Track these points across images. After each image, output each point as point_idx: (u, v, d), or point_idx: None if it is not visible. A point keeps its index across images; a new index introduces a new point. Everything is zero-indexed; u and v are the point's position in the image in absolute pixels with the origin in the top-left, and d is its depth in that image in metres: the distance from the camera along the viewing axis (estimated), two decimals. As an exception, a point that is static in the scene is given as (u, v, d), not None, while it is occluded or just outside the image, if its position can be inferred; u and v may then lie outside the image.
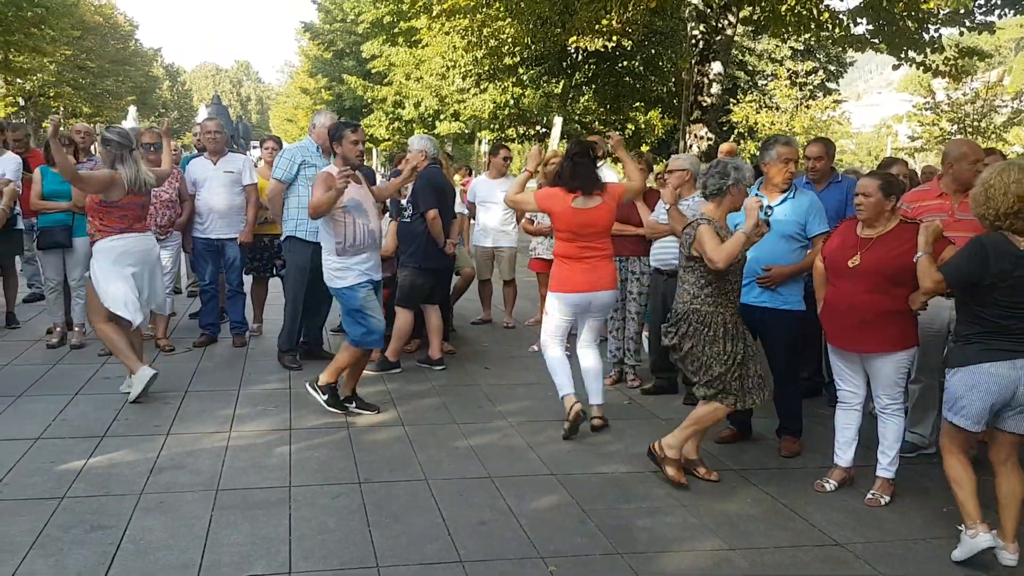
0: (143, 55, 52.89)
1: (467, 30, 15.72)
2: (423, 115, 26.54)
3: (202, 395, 5.73)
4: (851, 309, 4.15)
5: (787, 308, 4.79)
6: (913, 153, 33.81)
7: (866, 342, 4.17)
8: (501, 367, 6.82)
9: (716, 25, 12.46)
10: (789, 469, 4.74)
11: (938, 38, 12.76)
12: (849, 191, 5.64)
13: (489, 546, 3.65)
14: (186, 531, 3.69)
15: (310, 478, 4.34)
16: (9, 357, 6.54)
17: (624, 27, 13.35)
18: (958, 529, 3.64)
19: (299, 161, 6.33)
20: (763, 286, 4.80)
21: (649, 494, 4.28)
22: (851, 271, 4.14)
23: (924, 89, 31.71)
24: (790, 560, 3.64)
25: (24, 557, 3.40)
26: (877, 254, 4.08)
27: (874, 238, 4.15)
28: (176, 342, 7.10)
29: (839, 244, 4.29)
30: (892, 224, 4.15)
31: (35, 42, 29.51)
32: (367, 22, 29.51)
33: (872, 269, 4.06)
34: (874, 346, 4.16)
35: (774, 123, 28.17)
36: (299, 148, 6.49)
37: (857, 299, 4.12)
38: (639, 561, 3.57)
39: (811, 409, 5.40)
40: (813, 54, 31.85)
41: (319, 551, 3.55)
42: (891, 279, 4.05)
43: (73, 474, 4.27)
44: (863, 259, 4.11)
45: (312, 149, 6.40)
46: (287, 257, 6.56)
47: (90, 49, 40.25)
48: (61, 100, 38.15)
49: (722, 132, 15.96)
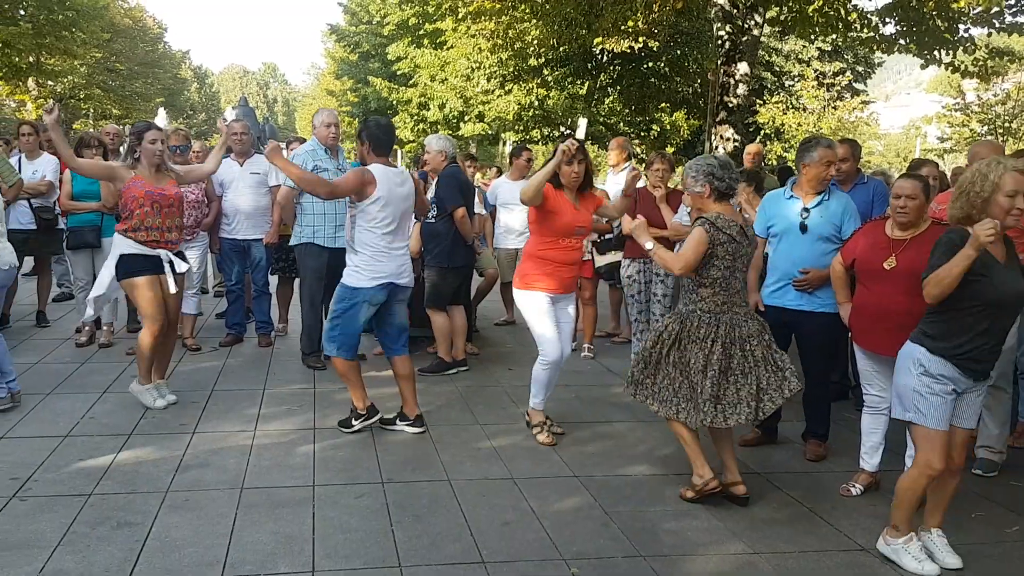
0: (172, 57, 53.40)
1: (493, 32, 15.72)
2: (448, 116, 26.58)
3: (228, 394, 5.77)
4: (887, 311, 4.10)
5: (824, 310, 4.73)
6: (943, 154, 33.44)
7: (901, 345, 4.11)
8: (524, 368, 6.78)
9: (743, 25, 12.38)
10: (815, 473, 4.70)
11: (969, 38, 12.60)
12: (875, 192, 5.60)
13: (511, 547, 3.65)
14: (211, 529, 3.72)
15: (333, 477, 4.36)
16: (39, 355, 6.63)
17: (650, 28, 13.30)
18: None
19: (311, 166, 6.22)
20: (800, 289, 4.75)
21: (673, 497, 4.26)
22: (887, 273, 4.10)
23: (954, 90, 31.36)
24: (815, 565, 3.60)
25: (52, 553, 3.44)
26: (913, 255, 4.02)
27: (908, 239, 4.10)
28: (202, 341, 7.17)
29: (869, 245, 4.23)
30: (925, 225, 4.12)
31: (66, 45, 29.95)
32: (393, 24, 29.60)
33: (910, 270, 4.00)
34: None
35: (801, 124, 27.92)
36: (308, 153, 6.45)
37: (893, 301, 4.07)
38: (662, 564, 3.55)
39: (837, 413, 5.35)
40: (841, 55, 31.56)
41: (342, 550, 3.56)
42: None
43: (100, 471, 4.32)
44: (899, 261, 4.07)
45: (320, 151, 6.41)
46: (301, 261, 6.53)
47: (120, 51, 40.74)
48: (91, 102, 38.63)
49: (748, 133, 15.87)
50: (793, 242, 4.79)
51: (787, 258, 4.80)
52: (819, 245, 4.73)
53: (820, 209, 4.78)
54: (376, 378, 5.67)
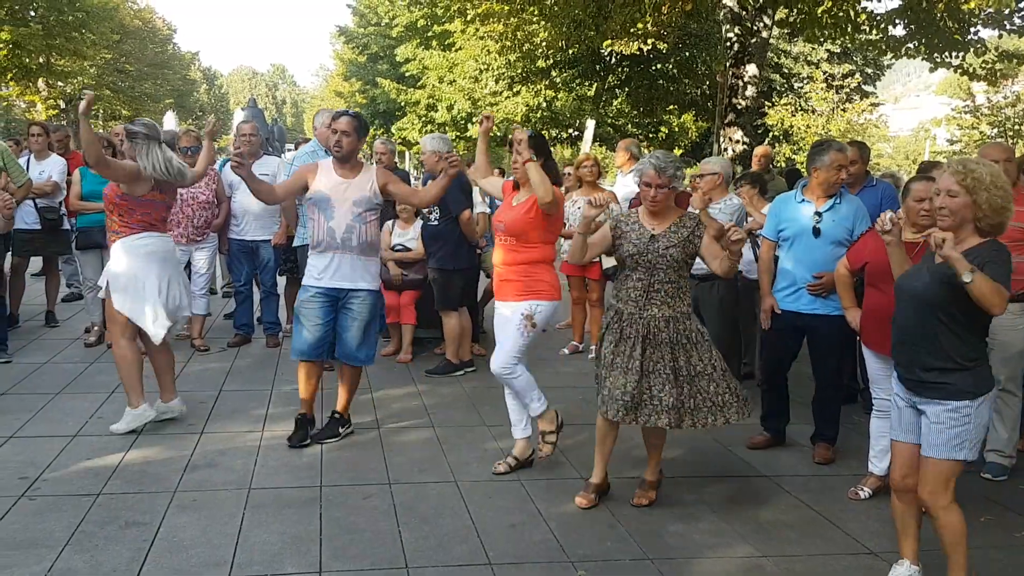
0: (181, 58, 53.56)
1: (501, 34, 15.73)
2: (456, 118, 26.62)
3: (236, 395, 5.79)
4: None
5: (839, 313, 4.69)
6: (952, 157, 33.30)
7: None
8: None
9: (751, 27, 12.35)
10: (823, 476, 4.68)
11: (979, 40, 12.56)
12: (884, 195, 5.59)
13: (518, 549, 3.65)
14: (218, 529, 3.72)
15: (341, 478, 4.37)
16: (48, 355, 6.65)
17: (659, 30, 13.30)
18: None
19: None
20: (814, 293, 4.74)
21: (681, 499, 4.25)
22: None
23: (963, 92, 31.26)
24: (822, 569, 3.59)
25: (60, 552, 3.45)
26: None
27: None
28: (211, 342, 7.19)
29: (881, 249, 4.21)
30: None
31: (76, 46, 30.07)
32: (401, 26, 29.64)
33: None
34: None
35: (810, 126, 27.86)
36: (309, 154, 6.47)
37: None
38: (669, 567, 3.54)
39: (846, 416, 5.32)
40: (850, 56, 31.45)
41: (349, 551, 3.57)
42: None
43: (109, 471, 4.33)
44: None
45: (321, 152, 6.41)
46: (303, 262, 6.47)
47: (129, 52, 40.86)
48: (101, 103, 38.70)
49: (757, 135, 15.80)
50: (806, 246, 4.78)
51: (800, 262, 4.78)
52: (831, 249, 4.71)
53: (832, 213, 4.76)
54: (403, 379, 5.68)
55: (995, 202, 3.04)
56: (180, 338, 7.33)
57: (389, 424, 5.28)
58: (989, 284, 2.93)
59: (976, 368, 3.14)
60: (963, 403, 3.10)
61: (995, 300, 2.95)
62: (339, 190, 4.73)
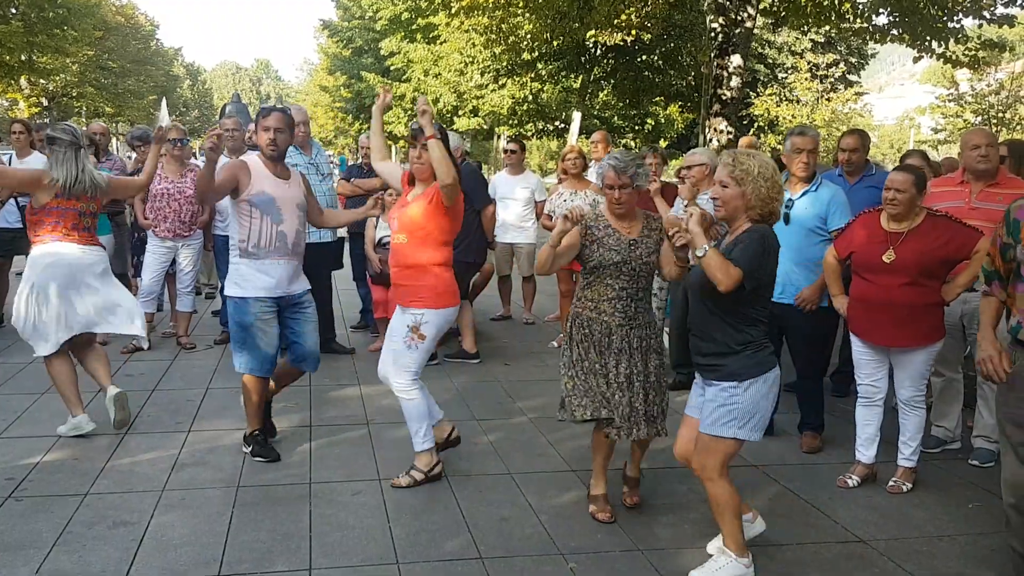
0: (164, 54, 53.37)
1: (486, 27, 15.72)
2: (441, 111, 26.59)
3: (223, 392, 5.76)
4: (888, 304, 4.12)
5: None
6: (937, 145, 33.51)
7: (901, 336, 4.15)
8: (521, 363, 6.81)
9: (735, 18, 12.37)
10: (811, 465, 4.70)
11: (960, 28, 12.62)
12: (883, 184, 5.60)
13: (509, 543, 3.65)
14: (207, 527, 3.71)
15: (330, 475, 4.35)
16: (32, 355, 6.58)
17: (643, 21, 13.33)
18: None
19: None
20: (801, 307, 4.75)
21: (671, 491, 4.26)
22: (886, 266, 4.11)
23: (947, 80, 31.40)
24: (812, 557, 3.61)
25: (48, 553, 3.43)
26: (912, 248, 4.06)
27: (905, 232, 4.11)
28: (197, 339, 7.15)
29: (867, 238, 4.24)
30: (920, 217, 4.14)
31: (58, 43, 29.90)
32: (385, 19, 29.58)
33: (910, 263, 4.05)
34: (908, 340, 4.15)
35: (795, 116, 27.99)
36: (292, 153, 6.40)
37: (894, 294, 4.10)
38: (660, 558, 3.55)
39: (832, 404, 5.35)
40: (834, 46, 31.59)
41: (339, 548, 3.56)
42: (926, 273, 4.06)
43: (96, 471, 4.30)
44: (898, 253, 4.08)
45: (292, 148, 6.34)
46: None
47: (112, 49, 40.66)
48: (84, 100, 38.55)
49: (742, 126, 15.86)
50: (778, 233, 4.78)
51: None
52: (803, 237, 4.72)
53: (806, 200, 4.78)
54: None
55: (761, 192, 3.20)
56: (166, 335, 7.31)
57: (378, 420, 5.27)
58: (718, 260, 3.10)
59: (746, 353, 3.25)
60: (730, 383, 3.26)
61: (719, 276, 3.08)
62: (281, 191, 4.42)
